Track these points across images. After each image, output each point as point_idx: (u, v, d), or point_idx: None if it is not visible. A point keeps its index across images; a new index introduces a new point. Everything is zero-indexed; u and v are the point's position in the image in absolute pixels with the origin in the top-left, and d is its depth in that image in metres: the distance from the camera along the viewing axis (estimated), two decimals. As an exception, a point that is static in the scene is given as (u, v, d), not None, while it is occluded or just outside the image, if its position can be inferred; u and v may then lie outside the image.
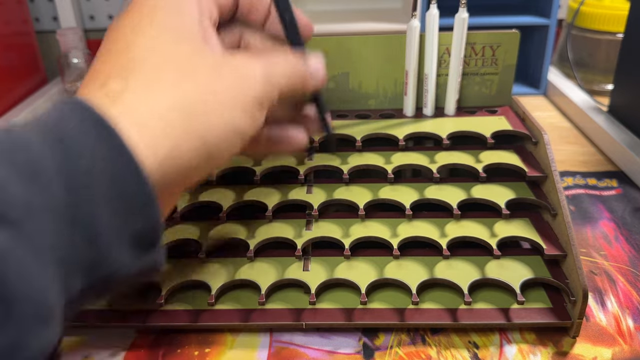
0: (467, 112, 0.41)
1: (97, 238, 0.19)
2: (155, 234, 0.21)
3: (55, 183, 0.18)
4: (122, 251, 0.20)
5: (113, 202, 0.19)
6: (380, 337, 0.30)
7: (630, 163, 0.46)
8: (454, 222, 0.33)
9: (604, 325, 0.31)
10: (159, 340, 0.31)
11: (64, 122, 0.19)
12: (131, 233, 0.20)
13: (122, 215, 0.20)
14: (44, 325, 0.17)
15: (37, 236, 0.18)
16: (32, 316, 0.17)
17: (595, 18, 0.62)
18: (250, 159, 0.37)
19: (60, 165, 0.18)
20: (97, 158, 0.19)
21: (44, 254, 0.18)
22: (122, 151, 0.19)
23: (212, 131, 0.22)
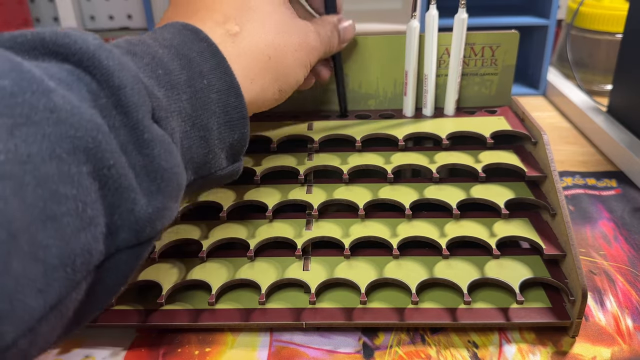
0: (466, 113, 0.41)
1: (209, 142, 0.25)
2: (243, 145, 0.28)
3: (184, 94, 0.24)
4: (221, 156, 0.27)
5: (221, 115, 0.25)
6: (380, 337, 0.30)
7: (630, 163, 0.46)
8: (454, 222, 0.34)
9: (603, 325, 0.31)
10: (159, 339, 0.31)
11: (188, 47, 0.25)
12: (230, 142, 0.27)
13: (226, 125, 0.26)
14: (176, 200, 0.22)
15: (174, 133, 0.23)
16: (172, 190, 0.22)
17: (595, 18, 0.62)
18: (250, 159, 0.37)
19: (188, 81, 0.24)
20: (213, 80, 0.25)
21: (178, 147, 0.23)
22: (230, 77, 0.26)
23: (286, 83, 0.30)
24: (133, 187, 0.20)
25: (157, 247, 0.32)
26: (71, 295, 0.18)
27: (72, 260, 0.17)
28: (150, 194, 0.21)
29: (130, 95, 0.20)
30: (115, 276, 0.20)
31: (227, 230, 0.34)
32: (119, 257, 0.20)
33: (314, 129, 0.39)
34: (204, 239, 0.33)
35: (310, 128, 0.39)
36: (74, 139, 0.18)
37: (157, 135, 0.21)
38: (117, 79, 0.20)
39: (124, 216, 0.20)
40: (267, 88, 0.29)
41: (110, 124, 0.20)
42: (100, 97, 0.20)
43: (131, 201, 0.20)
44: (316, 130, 0.39)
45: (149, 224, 0.20)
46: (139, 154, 0.20)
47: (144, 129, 0.20)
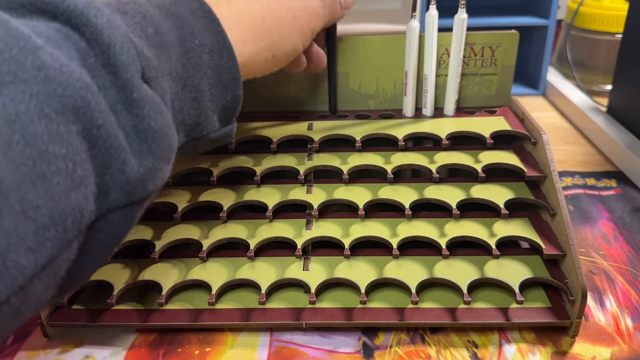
0: (466, 113, 0.41)
1: (201, 103, 0.25)
2: (236, 107, 0.27)
3: (174, 54, 0.23)
4: (214, 118, 0.26)
5: (212, 76, 0.25)
6: (380, 337, 0.30)
7: (629, 163, 0.46)
8: (454, 222, 0.34)
9: (603, 324, 0.31)
10: (159, 339, 0.31)
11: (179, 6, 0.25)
12: (222, 103, 0.26)
13: (217, 87, 0.26)
14: (167, 162, 0.22)
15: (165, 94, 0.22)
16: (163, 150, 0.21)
17: (594, 18, 0.62)
18: (250, 159, 0.37)
19: (179, 41, 0.24)
20: (205, 40, 0.25)
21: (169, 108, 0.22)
22: (222, 37, 0.25)
23: (282, 48, 0.29)
24: (123, 147, 0.20)
25: (158, 247, 0.32)
26: (63, 255, 0.18)
27: (63, 219, 0.17)
28: (140, 154, 0.20)
29: (119, 54, 0.20)
30: (107, 236, 0.20)
31: (227, 230, 0.34)
32: (111, 217, 0.20)
33: (314, 129, 0.39)
34: (204, 239, 0.33)
35: (310, 128, 0.39)
36: (63, 98, 0.18)
37: (146, 95, 0.21)
38: (106, 37, 0.20)
39: (114, 176, 0.20)
40: (261, 52, 0.28)
41: (99, 83, 0.19)
42: (89, 55, 0.19)
43: (121, 161, 0.20)
44: (316, 130, 0.39)
45: (140, 185, 0.20)
46: (129, 113, 0.20)
47: (133, 89, 0.20)
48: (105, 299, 0.31)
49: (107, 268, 0.33)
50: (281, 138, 0.38)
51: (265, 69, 0.29)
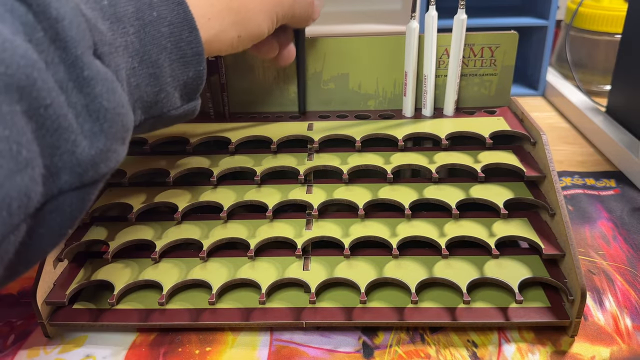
0: (465, 113, 0.41)
1: (160, 79, 0.24)
2: (199, 84, 0.26)
3: (131, 27, 0.22)
4: (175, 95, 0.25)
5: (173, 51, 0.24)
6: (379, 336, 0.30)
7: (629, 163, 0.46)
8: (453, 221, 0.34)
9: (602, 324, 0.31)
10: (160, 339, 0.31)
11: None
12: (184, 79, 0.25)
13: (179, 62, 0.24)
14: (122, 142, 0.21)
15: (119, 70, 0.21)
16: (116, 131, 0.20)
17: (594, 19, 0.62)
18: (250, 159, 0.37)
19: (136, 13, 0.23)
20: (164, 12, 0.23)
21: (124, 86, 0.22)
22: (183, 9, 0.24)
23: (247, 29, 0.29)
24: (73, 127, 0.19)
25: (158, 247, 0.32)
26: (9, 238, 0.17)
27: (7, 203, 0.17)
28: (92, 135, 0.20)
29: (68, 29, 0.19)
30: (60, 219, 0.20)
31: (228, 230, 0.34)
32: (63, 199, 0.19)
33: (314, 129, 0.39)
34: (204, 239, 0.33)
35: (310, 128, 0.39)
36: (5, 76, 0.17)
37: (98, 73, 0.20)
38: (54, 11, 0.19)
39: (64, 158, 0.19)
40: (226, 30, 0.27)
41: (47, 60, 0.18)
42: (36, 30, 0.18)
43: (71, 142, 0.19)
44: (316, 130, 0.39)
45: (92, 167, 0.20)
46: (79, 92, 0.19)
47: (83, 66, 0.19)
48: (106, 298, 0.31)
49: (107, 268, 0.33)
50: (281, 138, 0.38)
51: (230, 48, 0.29)
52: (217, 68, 0.40)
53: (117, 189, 0.37)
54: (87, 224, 0.35)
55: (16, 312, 0.33)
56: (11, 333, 0.32)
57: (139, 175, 0.36)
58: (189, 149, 0.37)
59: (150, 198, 0.35)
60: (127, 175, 0.35)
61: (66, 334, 0.31)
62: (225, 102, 0.42)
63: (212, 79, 0.41)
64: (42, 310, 0.30)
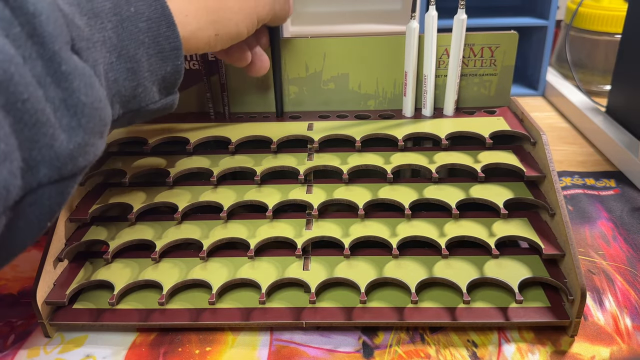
0: (465, 113, 0.41)
1: (138, 74, 0.24)
2: (177, 78, 0.26)
3: (109, 23, 0.23)
4: (153, 89, 0.25)
5: (151, 45, 0.24)
6: (379, 336, 0.30)
7: (628, 163, 0.46)
8: (453, 221, 0.34)
9: (602, 324, 0.31)
10: (160, 339, 0.31)
11: None
12: (162, 74, 0.25)
13: (157, 56, 0.25)
14: (100, 136, 0.22)
15: (97, 65, 0.22)
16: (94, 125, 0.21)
17: (594, 19, 0.62)
18: (250, 159, 0.37)
19: (113, 9, 0.23)
20: (142, 7, 0.24)
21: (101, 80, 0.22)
22: (161, 4, 0.24)
23: (225, 28, 0.29)
24: (51, 122, 0.19)
25: (158, 247, 0.32)
26: None
27: None
28: (70, 129, 0.20)
29: (45, 24, 0.19)
30: (39, 212, 0.20)
31: (228, 230, 0.34)
32: (42, 192, 0.20)
33: (314, 129, 0.39)
34: (204, 239, 0.33)
35: (310, 128, 0.39)
36: None
37: (76, 68, 0.20)
38: (32, 6, 0.19)
39: (43, 151, 0.19)
40: (203, 28, 0.27)
41: (24, 55, 0.19)
42: (13, 25, 0.19)
43: (50, 136, 0.19)
44: (316, 130, 0.39)
45: (71, 160, 0.20)
46: (57, 87, 0.19)
47: (61, 61, 0.19)
48: (106, 298, 0.31)
49: (107, 268, 0.33)
50: (281, 138, 0.38)
51: (207, 47, 0.29)
52: (217, 68, 0.40)
53: (117, 189, 0.37)
54: (87, 224, 0.35)
55: (16, 312, 0.33)
56: (11, 333, 0.32)
57: (139, 175, 0.36)
58: (189, 149, 0.37)
59: (150, 198, 0.35)
60: (127, 175, 0.35)
61: (66, 334, 0.31)
62: (225, 102, 0.42)
63: (212, 79, 0.41)
64: (42, 310, 0.30)
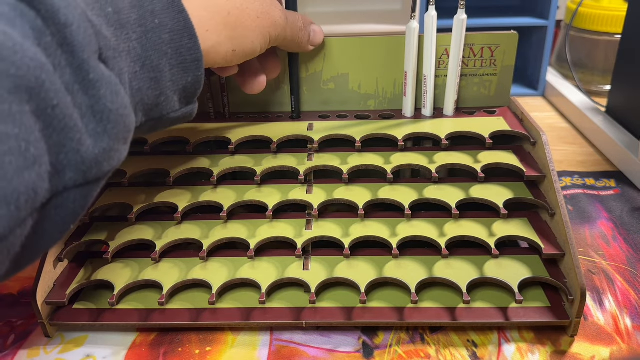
0: (465, 113, 0.41)
1: (160, 83, 0.25)
2: (197, 88, 0.27)
3: (134, 33, 0.23)
4: (174, 98, 0.26)
5: (173, 56, 0.25)
6: (379, 336, 0.31)
7: (628, 163, 0.46)
8: (453, 221, 0.34)
9: (602, 324, 0.31)
10: (160, 339, 0.31)
11: None
12: (183, 84, 0.26)
13: (179, 67, 0.26)
14: (124, 142, 0.22)
15: (122, 74, 0.23)
16: (119, 131, 0.21)
17: (594, 19, 0.62)
18: (250, 159, 0.37)
19: (139, 20, 0.24)
20: (165, 20, 0.25)
21: (126, 88, 0.23)
22: (184, 17, 0.25)
23: (242, 45, 0.30)
24: (79, 127, 0.20)
25: (158, 247, 0.32)
26: (15, 232, 0.18)
27: (15, 198, 0.17)
28: (96, 135, 0.21)
29: (76, 34, 0.20)
30: (63, 214, 0.21)
31: (228, 230, 0.34)
32: (67, 195, 0.20)
33: (314, 129, 0.39)
34: (204, 239, 0.33)
35: (310, 128, 0.39)
36: (16, 78, 0.18)
37: (103, 76, 0.21)
38: (63, 16, 0.20)
39: (70, 156, 0.20)
40: (222, 43, 0.28)
41: (54, 63, 0.19)
42: (44, 34, 0.19)
43: (77, 141, 0.20)
44: (316, 130, 0.39)
45: (96, 165, 0.21)
46: (85, 94, 0.20)
47: (89, 69, 0.20)
48: (106, 298, 0.31)
49: (107, 268, 0.33)
50: (281, 138, 0.38)
51: (224, 61, 0.29)
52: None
53: (117, 189, 0.37)
54: (87, 224, 0.35)
55: (16, 312, 0.33)
56: (11, 333, 0.32)
57: (139, 175, 0.36)
58: (189, 149, 0.37)
59: (150, 198, 0.35)
60: (127, 175, 0.35)
61: (66, 334, 0.31)
62: (225, 102, 0.42)
63: (212, 79, 0.41)
64: (42, 310, 0.30)
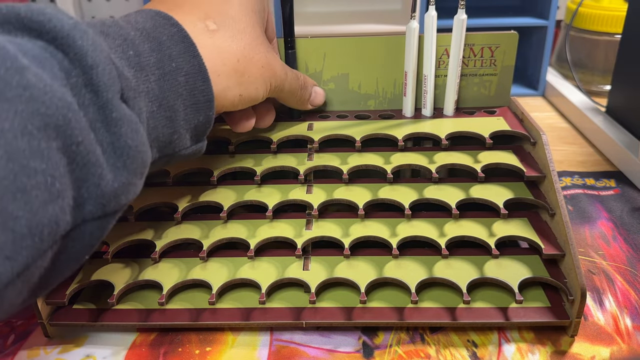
0: (465, 113, 0.41)
1: (175, 122, 0.26)
2: (207, 127, 0.29)
3: (153, 75, 0.25)
4: (186, 136, 0.28)
5: (187, 97, 0.27)
6: (379, 336, 0.31)
7: (628, 163, 0.46)
8: (453, 221, 0.34)
9: (602, 324, 0.31)
10: (160, 339, 0.31)
11: (159, 31, 0.26)
12: (195, 123, 0.28)
13: (192, 107, 0.27)
14: (140, 177, 0.24)
15: (141, 113, 0.24)
16: (137, 166, 0.23)
17: (594, 19, 0.62)
18: (250, 159, 0.37)
19: (157, 63, 0.25)
20: (182, 63, 0.26)
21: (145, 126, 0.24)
22: (198, 61, 0.27)
23: (248, 90, 0.31)
24: (100, 162, 0.21)
25: (158, 247, 0.32)
26: (37, 263, 0.19)
27: (40, 230, 0.18)
28: (116, 169, 0.22)
29: (101, 75, 0.21)
30: (80, 245, 0.22)
31: (228, 230, 0.34)
32: (85, 227, 0.21)
33: (314, 129, 0.39)
34: (204, 239, 0.33)
35: (310, 128, 0.39)
36: (45, 116, 0.19)
37: (124, 115, 0.22)
38: (90, 59, 0.21)
39: (90, 190, 0.21)
40: (231, 88, 0.30)
41: (80, 102, 0.21)
42: (71, 75, 0.21)
43: (98, 176, 0.21)
44: (316, 130, 0.39)
45: (114, 198, 0.22)
46: (107, 131, 0.21)
47: (112, 108, 0.21)
48: (106, 298, 0.31)
49: (107, 268, 0.33)
50: (281, 138, 0.38)
51: (231, 106, 0.31)
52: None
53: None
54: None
55: (16, 312, 0.33)
56: (11, 333, 0.32)
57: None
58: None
59: (150, 198, 0.35)
60: (127, 175, 0.35)
61: (66, 334, 0.31)
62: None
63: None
64: (42, 310, 0.30)
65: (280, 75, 0.34)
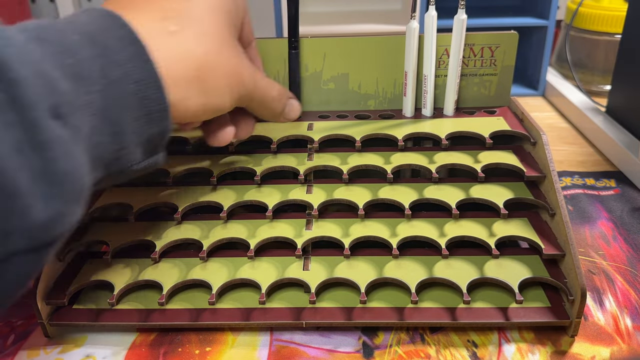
0: (465, 113, 0.41)
1: (122, 136, 0.23)
2: (163, 140, 0.26)
3: (95, 85, 0.22)
4: (137, 151, 0.25)
5: (138, 107, 0.24)
6: (379, 336, 0.30)
7: (628, 163, 0.46)
8: (453, 221, 0.34)
9: (603, 324, 0.31)
10: (160, 339, 0.31)
11: (105, 34, 0.23)
12: (147, 136, 0.25)
13: (143, 118, 0.24)
14: (77, 204, 0.21)
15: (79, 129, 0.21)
16: (72, 193, 0.20)
17: (594, 19, 0.62)
18: (250, 159, 0.37)
19: (102, 71, 0.22)
20: (131, 70, 0.23)
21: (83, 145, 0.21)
22: (150, 66, 0.24)
23: (210, 101, 0.28)
24: (27, 191, 0.18)
25: (158, 247, 0.32)
26: None
27: None
28: (47, 198, 0.19)
29: (27, 91, 0.18)
30: (11, 280, 0.19)
31: (228, 230, 0.34)
32: (14, 260, 0.19)
33: (314, 129, 0.39)
34: (204, 239, 0.33)
35: (310, 128, 0.39)
36: None
37: (56, 136, 0.19)
38: (14, 72, 0.18)
39: (16, 222, 0.18)
40: (191, 97, 0.27)
41: (3, 121, 0.18)
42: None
43: (24, 206, 0.18)
44: (316, 130, 0.39)
45: (44, 230, 0.19)
46: (36, 155, 0.19)
47: (41, 129, 0.19)
48: (106, 298, 0.31)
49: (107, 268, 0.33)
50: (281, 138, 0.38)
51: (193, 116, 0.28)
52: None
53: (117, 189, 0.37)
54: (87, 224, 0.35)
55: (16, 312, 0.33)
56: (11, 333, 0.32)
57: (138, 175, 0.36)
58: (189, 149, 0.37)
59: (150, 198, 0.35)
60: (127, 175, 0.35)
61: (66, 334, 0.31)
62: (225, 102, 0.41)
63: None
64: (42, 310, 0.30)
65: (248, 84, 0.30)
